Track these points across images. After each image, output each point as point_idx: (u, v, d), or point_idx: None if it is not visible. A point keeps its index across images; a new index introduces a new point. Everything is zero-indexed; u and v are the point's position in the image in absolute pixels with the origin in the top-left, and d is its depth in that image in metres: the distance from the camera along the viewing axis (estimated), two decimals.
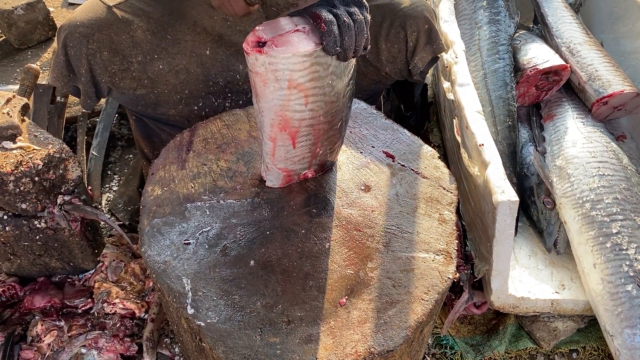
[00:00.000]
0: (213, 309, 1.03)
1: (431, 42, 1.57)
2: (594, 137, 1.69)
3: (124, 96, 1.49)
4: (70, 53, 1.39)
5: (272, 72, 0.97)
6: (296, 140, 1.12)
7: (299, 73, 0.98)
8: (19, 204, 1.34)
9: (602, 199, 1.52)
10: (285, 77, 0.98)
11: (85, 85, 1.43)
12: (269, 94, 1.01)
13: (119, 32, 1.40)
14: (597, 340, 1.56)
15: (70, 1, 2.99)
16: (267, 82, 0.99)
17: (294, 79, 0.98)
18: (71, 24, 1.37)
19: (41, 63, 2.58)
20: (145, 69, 1.45)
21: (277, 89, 1.00)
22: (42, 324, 1.43)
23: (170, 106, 1.52)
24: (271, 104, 1.03)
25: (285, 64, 0.96)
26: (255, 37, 0.96)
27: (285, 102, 1.03)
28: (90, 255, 1.54)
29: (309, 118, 1.07)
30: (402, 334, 1.02)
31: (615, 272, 1.43)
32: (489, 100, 1.81)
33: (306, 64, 0.97)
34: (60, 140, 1.40)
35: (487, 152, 1.40)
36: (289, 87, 0.99)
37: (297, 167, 1.21)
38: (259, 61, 0.96)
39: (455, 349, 1.53)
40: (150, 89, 1.48)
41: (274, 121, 1.07)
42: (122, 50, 1.42)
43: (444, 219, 1.22)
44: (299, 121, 1.07)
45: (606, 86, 1.77)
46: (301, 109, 1.04)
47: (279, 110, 1.04)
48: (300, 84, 0.99)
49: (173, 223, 1.17)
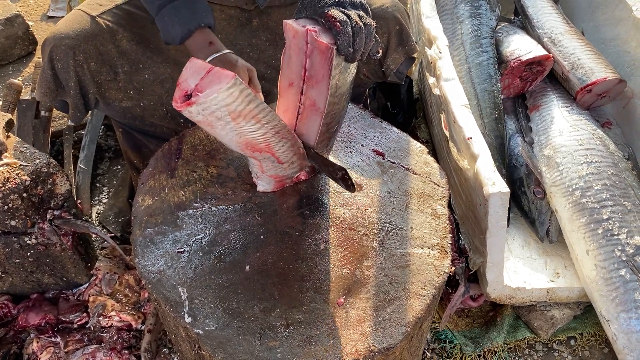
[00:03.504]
0: (211, 317, 1.03)
1: (403, 43, 1.57)
2: (580, 125, 1.71)
3: (110, 108, 1.47)
4: (57, 66, 1.36)
5: (210, 115, 0.96)
6: (275, 152, 1.11)
7: (234, 104, 0.96)
8: (8, 221, 1.33)
9: (591, 185, 1.54)
10: (224, 113, 0.96)
11: (74, 98, 1.41)
12: (220, 132, 1.01)
13: (105, 42, 1.38)
14: (593, 326, 1.58)
15: (49, 14, 2.96)
16: (213, 124, 0.98)
17: (234, 110, 0.96)
18: (56, 37, 1.35)
19: (23, 78, 2.55)
20: (132, 79, 1.43)
21: (224, 124, 0.99)
22: (37, 341, 1.41)
23: (156, 119, 1.51)
24: (228, 138, 1.04)
25: (217, 103, 0.94)
26: (181, 92, 0.94)
27: (240, 131, 1.02)
28: (83, 269, 1.52)
29: (271, 129, 1.06)
30: (401, 330, 1.02)
31: (608, 257, 1.44)
32: (475, 93, 1.82)
33: (235, 92, 0.94)
34: (47, 155, 1.38)
35: (475, 145, 1.41)
36: (234, 118, 0.98)
37: (287, 172, 1.21)
38: (193, 112, 0.95)
39: (454, 342, 1.54)
40: (136, 100, 1.46)
41: (242, 147, 1.08)
42: (108, 60, 1.40)
43: (436, 214, 1.22)
44: (264, 138, 1.06)
45: (589, 74, 1.78)
46: (257, 127, 1.03)
47: (239, 139, 1.04)
48: (242, 111, 0.98)
49: (166, 232, 1.16)
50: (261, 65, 1.53)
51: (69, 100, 1.43)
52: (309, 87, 1.08)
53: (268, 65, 1.54)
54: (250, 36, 1.49)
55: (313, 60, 1.04)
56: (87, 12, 1.39)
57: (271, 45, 1.53)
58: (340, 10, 1.01)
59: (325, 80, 1.04)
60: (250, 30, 1.50)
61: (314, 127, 1.13)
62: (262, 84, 1.54)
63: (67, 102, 1.44)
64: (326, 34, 1.01)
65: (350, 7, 1.03)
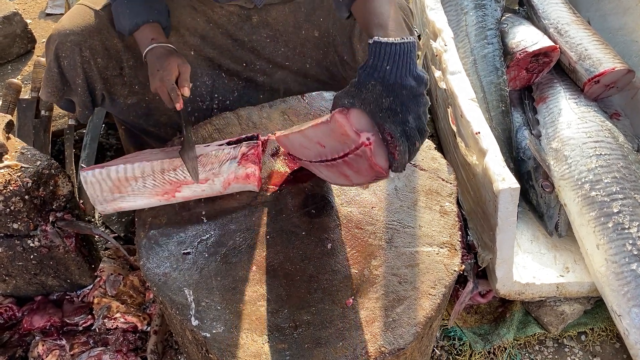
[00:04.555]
0: (218, 319, 1.01)
1: None
2: (588, 117, 1.68)
3: (115, 105, 1.45)
4: (64, 64, 1.33)
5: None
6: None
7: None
8: (10, 224, 1.31)
9: (601, 178, 1.51)
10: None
11: (81, 95, 1.38)
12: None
13: (110, 36, 1.36)
14: (604, 321, 1.56)
15: (47, 12, 2.93)
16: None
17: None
18: (61, 33, 1.31)
19: (22, 77, 2.53)
20: (137, 73, 1.41)
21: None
22: (42, 344, 1.40)
23: (161, 113, 1.49)
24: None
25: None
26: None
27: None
28: (87, 271, 1.51)
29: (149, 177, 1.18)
30: (411, 331, 1.00)
31: (619, 251, 1.42)
32: (481, 86, 1.79)
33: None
34: (48, 156, 1.36)
35: (484, 140, 1.38)
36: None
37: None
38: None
39: (464, 339, 1.52)
40: (141, 95, 1.44)
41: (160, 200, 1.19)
42: (115, 55, 1.38)
43: (445, 211, 1.20)
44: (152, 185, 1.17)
45: (597, 65, 1.75)
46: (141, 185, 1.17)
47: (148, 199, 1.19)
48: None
49: (170, 233, 1.14)
50: (262, 61, 1.51)
51: (75, 99, 1.40)
52: (340, 165, 1.02)
53: (269, 61, 1.53)
54: (251, 32, 1.47)
55: (357, 163, 0.95)
56: (90, 7, 1.36)
57: (272, 41, 1.51)
58: (402, 133, 0.89)
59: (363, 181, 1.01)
60: (250, 27, 1.48)
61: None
62: (262, 79, 1.52)
63: (73, 101, 1.41)
64: (381, 149, 0.91)
65: (414, 129, 0.91)
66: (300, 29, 1.51)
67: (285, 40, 1.52)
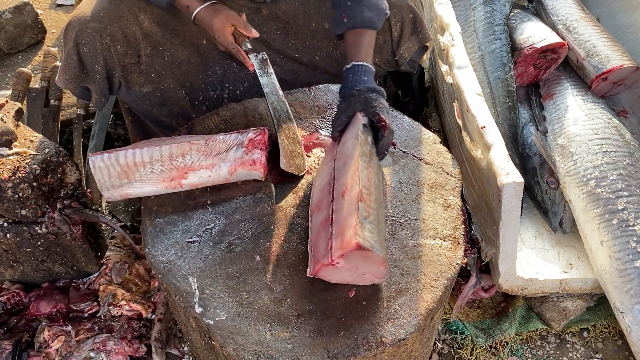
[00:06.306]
0: (221, 307, 1.02)
1: (416, 31, 1.55)
2: (595, 113, 1.67)
3: (130, 93, 1.46)
4: (83, 51, 1.34)
5: None
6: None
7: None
8: (18, 211, 1.33)
9: (606, 175, 1.51)
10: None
11: (99, 83, 1.38)
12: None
13: (129, 24, 1.36)
14: (607, 318, 1.56)
15: (58, 2, 2.95)
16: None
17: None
18: (80, 20, 1.32)
19: (32, 67, 2.55)
20: (153, 61, 1.42)
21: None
22: (49, 329, 1.42)
23: (174, 103, 1.50)
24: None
25: None
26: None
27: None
28: (94, 258, 1.53)
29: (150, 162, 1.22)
30: (412, 322, 1.01)
31: (623, 248, 1.42)
32: (488, 81, 1.79)
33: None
34: (56, 144, 1.38)
35: (489, 135, 1.39)
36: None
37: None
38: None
39: (466, 333, 1.52)
40: (157, 84, 1.45)
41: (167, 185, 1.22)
42: (133, 43, 1.38)
43: (449, 204, 1.20)
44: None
45: (605, 62, 1.74)
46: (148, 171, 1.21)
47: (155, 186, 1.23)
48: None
49: (176, 222, 1.16)
50: (272, 52, 1.52)
51: (92, 86, 1.40)
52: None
53: (279, 52, 1.54)
54: (261, 25, 1.48)
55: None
56: None
57: (282, 33, 1.52)
58: (381, 110, 1.15)
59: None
60: (260, 19, 1.48)
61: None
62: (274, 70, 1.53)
63: (89, 89, 1.42)
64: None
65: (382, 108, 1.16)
66: (310, 21, 1.52)
67: (295, 32, 1.53)
